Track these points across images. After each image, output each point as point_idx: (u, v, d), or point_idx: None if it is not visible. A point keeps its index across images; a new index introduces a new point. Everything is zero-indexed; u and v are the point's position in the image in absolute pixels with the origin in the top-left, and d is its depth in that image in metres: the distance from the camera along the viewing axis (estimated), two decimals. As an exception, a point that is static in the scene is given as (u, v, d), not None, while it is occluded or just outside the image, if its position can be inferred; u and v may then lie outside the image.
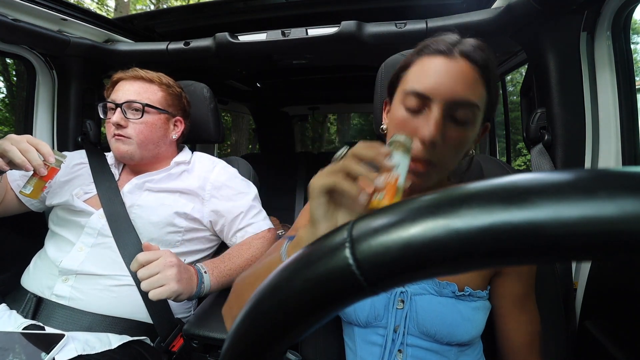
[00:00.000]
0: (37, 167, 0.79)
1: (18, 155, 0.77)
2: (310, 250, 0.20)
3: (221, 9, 1.29)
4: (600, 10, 0.83)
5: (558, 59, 0.88)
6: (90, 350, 0.78)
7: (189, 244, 1.00)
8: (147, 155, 1.00)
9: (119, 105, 0.95)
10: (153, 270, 0.71)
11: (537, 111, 0.94)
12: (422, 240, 0.16)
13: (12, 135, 0.80)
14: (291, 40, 1.13)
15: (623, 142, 0.84)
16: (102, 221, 0.93)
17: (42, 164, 0.79)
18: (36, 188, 0.83)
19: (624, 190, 0.14)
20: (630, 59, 0.85)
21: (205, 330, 0.82)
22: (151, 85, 1.00)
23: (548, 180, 0.15)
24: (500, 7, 0.95)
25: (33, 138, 0.81)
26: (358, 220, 0.19)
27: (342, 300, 0.18)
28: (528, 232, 0.14)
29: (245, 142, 6.74)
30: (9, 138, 0.79)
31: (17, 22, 0.98)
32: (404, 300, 0.60)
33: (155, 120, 0.99)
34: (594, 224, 0.13)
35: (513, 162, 2.26)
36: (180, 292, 0.74)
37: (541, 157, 0.90)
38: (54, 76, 1.28)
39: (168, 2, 8.10)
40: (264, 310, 0.20)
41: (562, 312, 0.75)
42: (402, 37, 1.05)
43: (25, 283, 0.93)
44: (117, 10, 6.60)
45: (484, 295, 0.61)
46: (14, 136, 0.80)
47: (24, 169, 0.78)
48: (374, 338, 0.62)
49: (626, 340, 0.71)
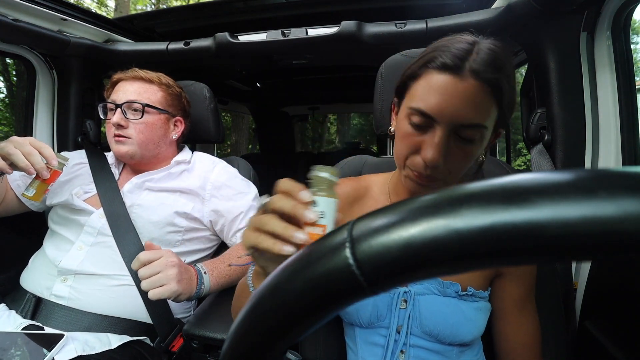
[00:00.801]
0: (40, 171, 0.79)
1: (21, 158, 0.77)
2: (310, 250, 0.20)
3: (221, 9, 1.29)
4: (600, 10, 0.83)
5: (558, 59, 0.88)
6: (90, 351, 0.78)
7: (189, 244, 1.00)
8: (147, 155, 1.00)
9: (119, 106, 0.95)
10: (154, 270, 0.71)
11: (537, 111, 0.94)
12: (422, 240, 0.16)
13: (15, 137, 0.80)
14: (291, 40, 1.13)
15: (623, 142, 0.84)
16: (102, 220, 0.93)
17: (45, 167, 0.79)
18: (39, 191, 0.83)
19: (624, 190, 0.14)
20: (630, 59, 0.85)
21: (205, 330, 0.82)
22: (151, 85, 1.00)
23: (548, 180, 0.15)
24: (500, 7, 0.95)
25: (36, 140, 0.81)
26: (358, 220, 0.19)
27: (342, 300, 0.18)
28: (528, 232, 0.14)
29: (245, 142, 6.74)
30: (11, 141, 0.79)
31: (17, 22, 0.98)
32: (407, 300, 0.60)
33: (155, 120, 0.99)
34: (594, 224, 0.13)
35: (513, 162, 2.26)
36: (181, 292, 0.74)
37: (541, 157, 0.90)
38: (54, 76, 1.28)
39: (168, 2, 8.10)
40: (264, 310, 0.20)
41: (562, 312, 0.75)
42: (402, 37, 1.05)
43: (24, 283, 0.93)
44: (117, 10, 6.60)
45: (485, 296, 0.61)
46: (17, 138, 0.79)
47: (27, 172, 0.78)
48: (376, 339, 0.61)
49: (626, 340, 0.71)
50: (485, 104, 0.47)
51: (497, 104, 0.48)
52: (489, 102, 0.47)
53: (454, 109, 0.46)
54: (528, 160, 1.68)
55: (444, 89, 0.47)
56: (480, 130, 0.48)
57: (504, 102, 0.48)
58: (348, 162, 0.87)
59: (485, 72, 0.46)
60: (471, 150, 0.50)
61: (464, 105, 0.46)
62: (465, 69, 0.46)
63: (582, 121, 0.89)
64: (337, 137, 10.32)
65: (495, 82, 0.46)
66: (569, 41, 0.88)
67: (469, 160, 0.51)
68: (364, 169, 0.85)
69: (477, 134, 0.48)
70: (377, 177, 0.71)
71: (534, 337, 0.62)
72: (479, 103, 0.46)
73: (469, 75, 0.46)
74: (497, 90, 0.47)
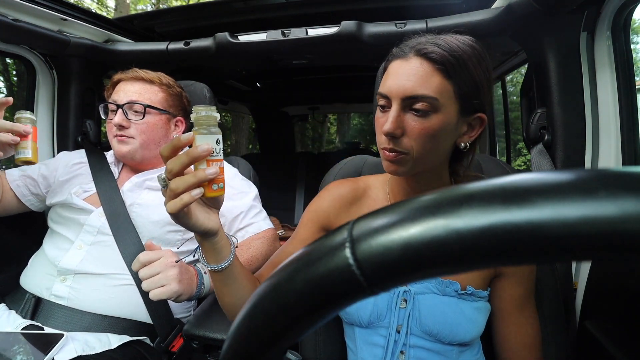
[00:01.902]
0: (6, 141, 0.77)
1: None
2: (310, 249, 0.20)
3: (221, 9, 1.29)
4: (600, 10, 0.83)
5: (558, 59, 0.88)
6: (90, 351, 0.78)
7: (189, 243, 1.00)
8: (149, 155, 1.00)
9: (120, 107, 0.95)
10: (154, 270, 0.71)
11: (537, 111, 0.94)
12: (422, 240, 0.16)
13: None
14: (291, 40, 1.13)
15: (623, 142, 0.84)
16: (101, 219, 0.93)
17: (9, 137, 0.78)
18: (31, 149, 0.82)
19: (624, 190, 0.14)
20: (630, 59, 0.85)
21: (205, 330, 0.82)
22: (152, 86, 1.00)
23: (548, 180, 0.15)
24: (500, 7, 0.95)
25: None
26: (358, 220, 0.19)
27: (343, 300, 0.18)
28: (528, 232, 0.14)
29: (245, 142, 6.74)
30: None
31: (17, 22, 0.98)
32: (407, 300, 0.60)
33: (156, 120, 0.99)
34: (594, 224, 0.13)
35: (513, 162, 2.26)
36: (181, 293, 0.74)
37: (541, 157, 0.90)
38: (54, 76, 1.28)
39: (168, 2, 8.10)
40: (264, 310, 0.20)
41: (562, 312, 0.75)
42: (402, 37, 1.05)
43: (24, 283, 0.93)
44: (117, 10, 6.60)
45: (485, 296, 0.61)
46: None
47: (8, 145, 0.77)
48: (375, 339, 0.62)
49: (626, 340, 0.71)
50: (429, 76, 0.52)
51: (447, 78, 0.52)
52: (433, 75, 0.52)
53: (401, 85, 0.53)
54: (528, 160, 1.68)
55: (395, 70, 0.55)
56: (430, 102, 0.52)
57: (457, 77, 0.52)
58: (348, 162, 0.87)
59: (428, 49, 0.53)
60: (429, 124, 0.53)
61: (409, 79, 0.53)
62: (411, 52, 0.55)
63: (582, 121, 0.89)
64: (337, 137, 10.32)
65: (439, 55, 0.52)
66: (569, 41, 0.88)
67: (430, 134, 0.53)
68: (364, 169, 0.85)
69: (428, 105, 0.52)
70: (376, 178, 0.71)
71: (534, 337, 0.62)
72: (423, 76, 0.52)
73: (413, 54, 0.54)
74: (444, 61, 0.52)
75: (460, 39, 0.55)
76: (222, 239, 0.56)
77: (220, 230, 0.55)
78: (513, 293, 0.62)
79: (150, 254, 0.72)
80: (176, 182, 0.47)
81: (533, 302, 0.64)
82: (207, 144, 0.47)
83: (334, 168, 0.86)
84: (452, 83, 0.53)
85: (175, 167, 0.47)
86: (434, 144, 0.55)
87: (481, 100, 0.55)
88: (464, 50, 0.53)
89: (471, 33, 0.56)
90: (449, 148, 0.58)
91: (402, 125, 0.54)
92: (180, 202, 0.47)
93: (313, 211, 0.70)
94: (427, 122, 0.53)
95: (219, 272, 0.56)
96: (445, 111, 0.53)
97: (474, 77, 0.53)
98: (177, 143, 0.47)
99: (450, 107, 0.54)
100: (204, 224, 0.52)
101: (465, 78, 0.53)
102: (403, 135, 0.54)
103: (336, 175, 0.84)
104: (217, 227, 0.54)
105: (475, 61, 0.53)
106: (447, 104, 0.53)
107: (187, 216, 0.51)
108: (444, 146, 0.56)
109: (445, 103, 0.53)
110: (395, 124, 0.54)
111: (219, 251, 0.55)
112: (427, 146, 0.54)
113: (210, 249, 0.55)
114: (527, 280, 0.63)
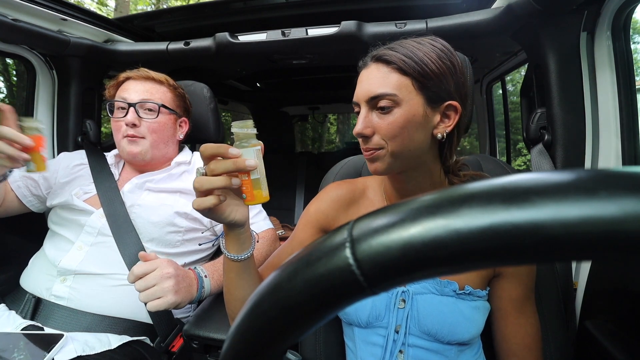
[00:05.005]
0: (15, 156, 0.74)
1: None
2: (310, 250, 0.20)
3: (221, 9, 1.29)
4: (600, 10, 0.83)
5: (558, 59, 0.88)
6: (90, 351, 0.77)
7: (189, 244, 1.00)
8: (157, 155, 1.01)
9: (133, 105, 0.95)
10: (150, 283, 0.69)
11: (537, 111, 0.94)
12: (422, 240, 0.16)
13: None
14: (291, 40, 1.13)
15: (623, 142, 0.84)
16: (102, 220, 0.93)
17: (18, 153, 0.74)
18: (37, 162, 0.79)
19: (625, 190, 0.14)
20: (630, 59, 0.85)
21: (205, 330, 0.82)
22: (161, 86, 1.01)
23: (548, 180, 0.15)
24: (500, 7, 0.95)
25: None
26: (358, 220, 0.19)
27: (343, 300, 0.18)
28: (528, 232, 0.14)
29: (245, 142, 6.73)
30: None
31: (17, 22, 0.98)
32: (406, 300, 0.60)
33: (167, 120, 1.00)
34: (595, 224, 0.13)
35: (513, 162, 2.26)
36: (179, 302, 0.73)
37: (541, 157, 0.90)
38: (54, 76, 1.28)
39: (168, 2, 8.10)
40: (264, 310, 0.20)
41: (562, 312, 0.75)
42: (402, 37, 1.05)
43: (24, 284, 0.93)
44: (117, 10, 6.60)
45: (483, 295, 0.61)
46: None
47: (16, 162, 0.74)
48: (374, 339, 0.62)
49: (626, 340, 0.71)
50: (386, 76, 0.56)
51: (403, 74, 0.56)
52: (389, 74, 0.56)
53: (364, 88, 0.58)
54: (528, 160, 1.68)
55: (360, 79, 0.61)
56: (390, 98, 0.55)
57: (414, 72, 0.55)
58: (348, 162, 0.87)
59: (381, 54, 0.58)
60: (394, 118, 0.56)
61: (369, 83, 0.58)
62: (371, 60, 0.60)
63: (582, 121, 0.89)
64: (337, 137, 10.32)
65: (393, 58, 0.56)
66: (569, 41, 0.88)
67: (397, 127, 0.56)
68: (364, 169, 0.85)
69: (390, 102, 0.56)
70: (374, 179, 0.72)
71: (534, 337, 0.62)
72: (380, 77, 0.57)
73: (372, 61, 0.59)
74: (396, 62, 0.56)
75: (417, 40, 0.59)
76: (247, 231, 0.59)
77: (247, 223, 0.58)
78: (513, 293, 0.62)
79: (144, 266, 0.70)
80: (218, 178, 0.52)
81: (533, 302, 0.64)
82: (254, 160, 0.51)
83: (334, 168, 0.86)
84: (409, 78, 0.56)
85: (219, 170, 0.50)
86: (404, 136, 0.56)
87: (447, 88, 0.56)
88: (419, 48, 0.57)
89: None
90: (425, 140, 0.58)
91: (371, 124, 0.58)
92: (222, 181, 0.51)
93: (311, 213, 0.70)
94: (391, 117, 0.56)
95: (238, 262, 0.58)
96: (408, 104, 0.56)
97: (433, 69, 0.55)
98: (225, 152, 0.51)
99: (412, 100, 0.56)
100: (230, 215, 0.55)
101: (422, 71, 0.55)
102: (375, 134, 0.58)
103: (336, 175, 0.84)
104: (245, 219, 0.56)
105: (434, 55, 0.56)
106: (408, 97, 0.56)
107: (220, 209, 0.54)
108: (417, 137, 0.57)
109: (406, 97, 0.56)
110: (364, 124, 0.58)
111: (242, 242, 0.58)
112: (398, 139, 0.56)
113: (235, 239, 0.57)
114: (526, 280, 0.63)
